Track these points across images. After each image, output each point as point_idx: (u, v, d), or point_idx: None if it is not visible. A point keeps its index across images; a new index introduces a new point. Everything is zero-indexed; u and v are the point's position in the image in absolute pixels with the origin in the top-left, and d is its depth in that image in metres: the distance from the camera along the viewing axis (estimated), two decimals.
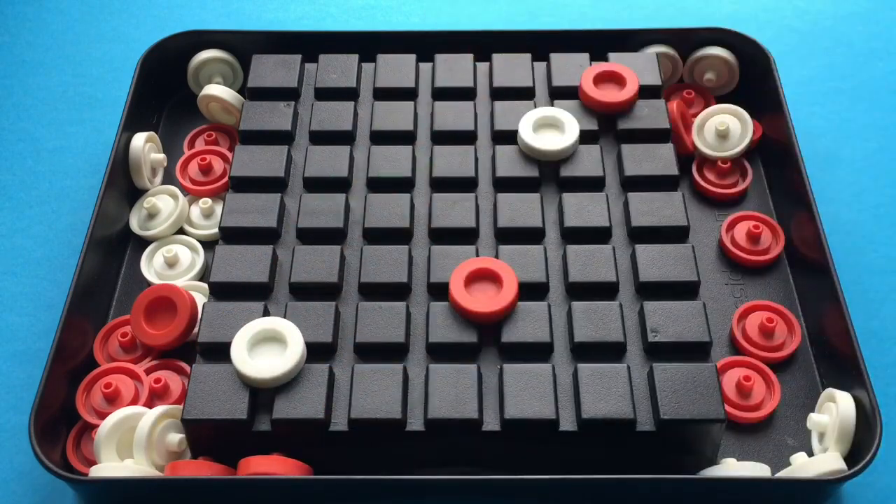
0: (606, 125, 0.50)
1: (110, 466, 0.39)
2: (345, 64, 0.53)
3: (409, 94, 0.52)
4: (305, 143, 0.50)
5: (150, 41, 0.55)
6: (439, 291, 0.43)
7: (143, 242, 0.50)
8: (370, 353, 0.42)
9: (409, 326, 0.42)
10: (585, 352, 0.41)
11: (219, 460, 0.40)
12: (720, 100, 0.55)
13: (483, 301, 0.42)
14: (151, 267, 0.48)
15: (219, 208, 0.50)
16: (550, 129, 0.49)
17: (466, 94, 0.52)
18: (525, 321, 0.42)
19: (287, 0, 0.65)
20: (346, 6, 0.65)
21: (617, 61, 0.52)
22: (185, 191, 0.51)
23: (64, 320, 0.43)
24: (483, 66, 0.53)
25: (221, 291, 0.44)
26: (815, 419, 0.42)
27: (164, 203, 0.50)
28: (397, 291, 0.44)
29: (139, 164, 0.51)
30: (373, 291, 0.44)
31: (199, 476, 0.39)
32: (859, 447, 0.40)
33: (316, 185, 0.48)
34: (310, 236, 0.46)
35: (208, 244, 0.49)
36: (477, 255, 0.45)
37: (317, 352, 0.41)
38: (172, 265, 0.48)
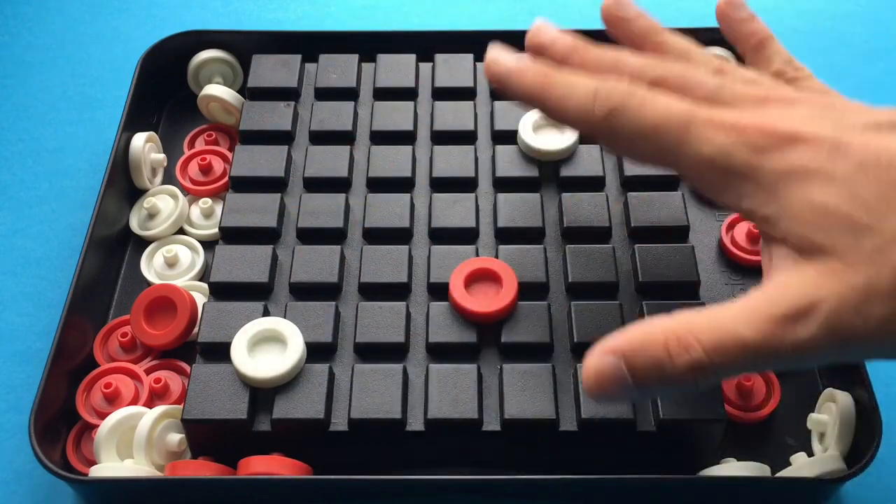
0: None
1: (110, 466, 0.39)
2: (345, 64, 0.53)
3: (409, 94, 0.52)
4: (305, 143, 0.50)
5: (150, 41, 0.55)
6: (439, 291, 0.43)
7: (143, 242, 0.50)
8: (370, 353, 0.42)
9: (409, 326, 0.42)
10: (585, 352, 0.41)
11: (219, 460, 0.40)
12: None
13: (483, 301, 0.42)
14: (151, 267, 0.48)
15: (219, 208, 0.50)
16: (550, 129, 0.49)
17: (466, 94, 0.52)
18: (525, 321, 0.42)
19: (287, 0, 0.65)
20: (346, 6, 0.65)
21: None
22: (185, 191, 0.51)
23: (64, 320, 0.43)
24: (483, 67, 0.53)
25: (221, 291, 0.44)
26: (815, 419, 0.42)
27: (164, 203, 0.50)
28: (397, 291, 0.44)
29: (139, 164, 0.51)
30: (373, 291, 0.44)
31: (199, 476, 0.39)
32: (859, 447, 0.40)
33: (316, 185, 0.48)
34: (310, 236, 0.46)
35: (208, 244, 0.49)
36: (477, 255, 0.45)
37: (317, 352, 0.41)
38: (172, 265, 0.48)
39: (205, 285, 0.47)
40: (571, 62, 0.39)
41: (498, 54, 0.39)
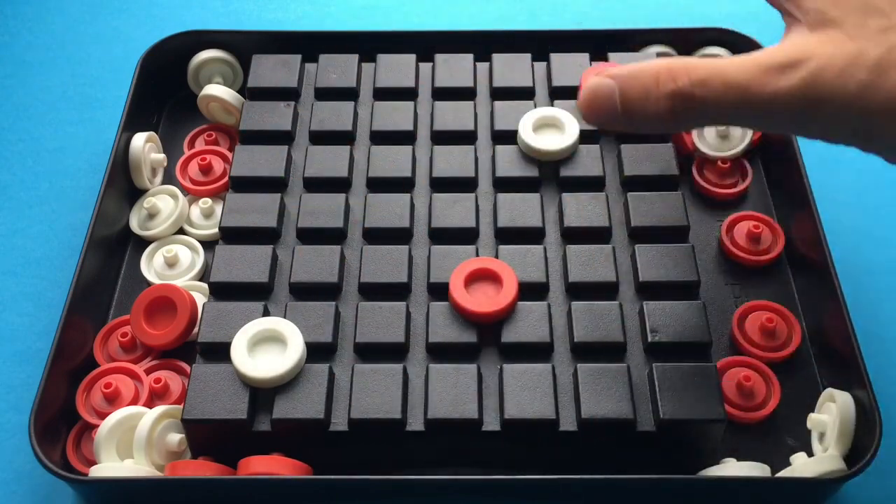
0: None
1: (110, 466, 0.39)
2: (345, 64, 0.53)
3: (409, 94, 0.52)
4: (305, 143, 0.50)
5: (150, 41, 0.55)
6: (439, 291, 0.43)
7: (143, 242, 0.50)
8: (370, 353, 0.42)
9: (409, 326, 0.42)
10: (585, 352, 0.41)
11: (219, 460, 0.40)
12: None
13: (483, 301, 0.42)
14: (151, 267, 0.48)
15: (219, 208, 0.50)
16: (550, 129, 0.49)
17: (466, 94, 0.52)
18: (525, 321, 0.42)
19: (287, 0, 0.65)
20: (346, 6, 0.65)
21: (617, 61, 0.52)
22: (185, 191, 0.51)
23: (64, 320, 0.43)
24: (483, 66, 0.53)
25: (221, 291, 0.44)
26: (815, 419, 0.42)
27: (164, 203, 0.50)
28: (397, 291, 0.44)
29: (139, 164, 0.51)
30: (373, 291, 0.44)
31: (199, 476, 0.39)
32: (859, 447, 0.40)
33: (316, 185, 0.48)
34: (310, 236, 0.46)
35: (208, 244, 0.49)
36: (477, 255, 0.45)
37: (317, 352, 0.41)
38: (172, 265, 0.48)
39: (205, 285, 0.47)
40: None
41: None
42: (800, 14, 0.35)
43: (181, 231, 0.50)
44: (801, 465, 0.40)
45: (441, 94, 0.52)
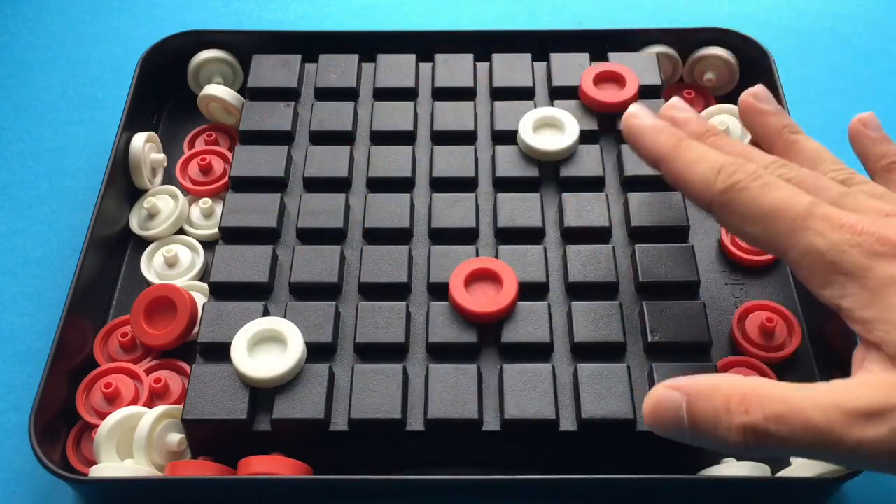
0: (606, 125, 0.50)
1: (110, 466, 0.39)
2: (345, 64, 0.53)
3: (409, 94, 0.52)
4: (305, 143, 0.50)
5: (150, 41, 0.55)
6: (439, 291, 0.43)
7: (143, 242, 0.50)
8: (370, 353, 0.42)
9: (409, 326, 0.42)
10: (585, 352, 0.41)
11: (219, 460, 0.40)
12: (720, 100, 0.55)
13: (483, 301, 0.42)
14: (151, 267, 0.49)
15: (219, 208, 0.50)
16: (550, 129, 0.49)
17: (466, 94, 0.52)
18: (525, 321, 0.42)
19: (287, 0, 0.65)
20: (346, 6, 0.65)
21: (617, 61, 0.52)
22: (185, 191, 0.51)
23: (64, 320, 0.43)
24: (483, 66, 0.53)
25: (221, 291, 0.44)
26: None
27: (164, 203, 0.50)
28: (397, 291, 0.44)
29: (139, 164, 0.51)
30: (373, 291, 0.44)
31: (199, 476, 0.39)
32: None
33: (316, 185, 0.48)
34: (310, 236, 0.46)
35: (208, 244, 0.49)
36: (477, 255, 0.45)
37: (317, 352, 0.41)
38: (172, 265, 0.48)
39: (205, 285, 0.47)
40: (703, 141, 0.40)
41: (638, 110, 0.42)
42: (874, 340, 0.33)
43: (181, 231, 0.50)
44: (801, 465, 0.40)
45: (441, 94, 0.52)
